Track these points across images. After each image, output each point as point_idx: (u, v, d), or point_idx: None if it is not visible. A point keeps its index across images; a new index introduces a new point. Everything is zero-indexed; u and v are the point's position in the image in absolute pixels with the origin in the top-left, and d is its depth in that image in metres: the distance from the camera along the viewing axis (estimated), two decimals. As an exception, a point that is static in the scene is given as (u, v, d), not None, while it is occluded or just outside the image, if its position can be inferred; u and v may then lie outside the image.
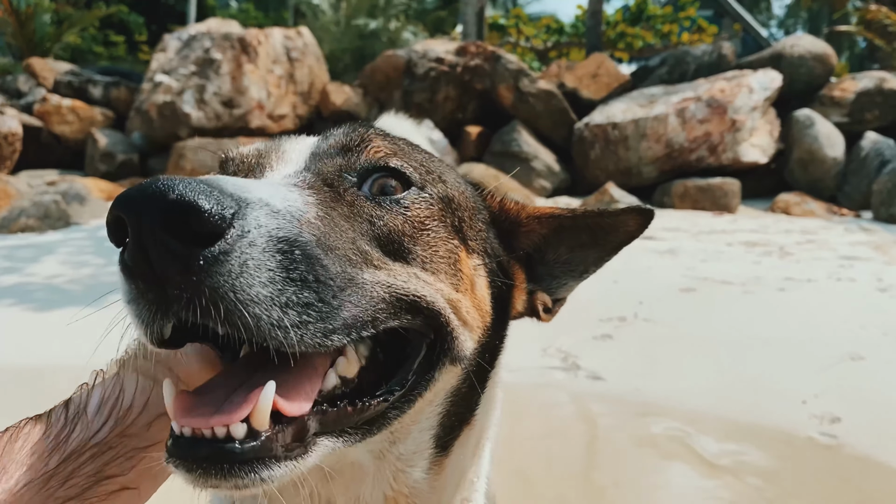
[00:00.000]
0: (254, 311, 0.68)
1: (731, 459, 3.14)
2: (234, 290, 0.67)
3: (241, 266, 0.68)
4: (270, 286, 0.69)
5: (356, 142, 0.95)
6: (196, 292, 0.67)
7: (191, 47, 13.50)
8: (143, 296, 0.71)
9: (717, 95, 12.17)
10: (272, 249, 0.70)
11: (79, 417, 0.82)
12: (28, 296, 5.78)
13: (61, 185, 10.64)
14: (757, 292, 5.95)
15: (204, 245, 0.66)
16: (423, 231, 0.93)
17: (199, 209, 0.65)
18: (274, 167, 0.95)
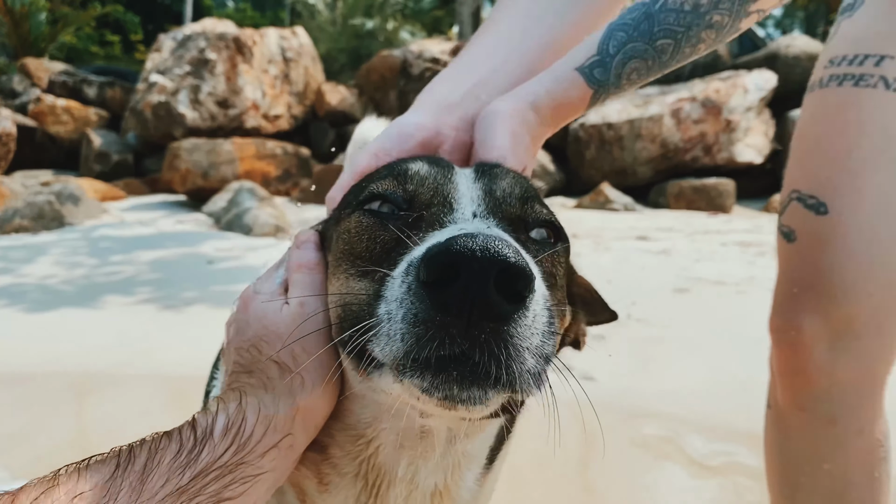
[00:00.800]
0: (526, 359, 0.79)
1: (723, 460, 3.14)
2: (522, 339, 0.78)
3: (532, 319, 0.79)
4: (539, 338, 0.81)
5: (530, 195, 1.06)
6: (496, 338, 0.77)
7: (186, 47, 13.48)
8: (442, 326, 0.77)
9: (713, 95, 12.19)
10: (545, 306, 0.83)
11: (206, 439, 0.87)
12: (21, 297, 5.77)
13: (55, 186, 10.62)
14: (751, 292, 5.96)
15: (518, 302, 0.77)
16: (561, 277, 1.06)
17: (526, 275, 0.76)
18: (458, 202, 1.01)
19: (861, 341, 1.60)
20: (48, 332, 4.94)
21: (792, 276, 1.72)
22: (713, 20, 1.24)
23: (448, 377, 0.79)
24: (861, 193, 1.59)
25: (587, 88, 1.26)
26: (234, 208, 9.53)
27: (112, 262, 7.22)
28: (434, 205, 1.01)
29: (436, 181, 1.05)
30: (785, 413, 1.80)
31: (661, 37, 1.23)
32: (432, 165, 1.08)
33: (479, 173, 1.09)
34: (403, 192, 1.04)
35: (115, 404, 3.73)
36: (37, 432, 3.37)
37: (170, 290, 5.96)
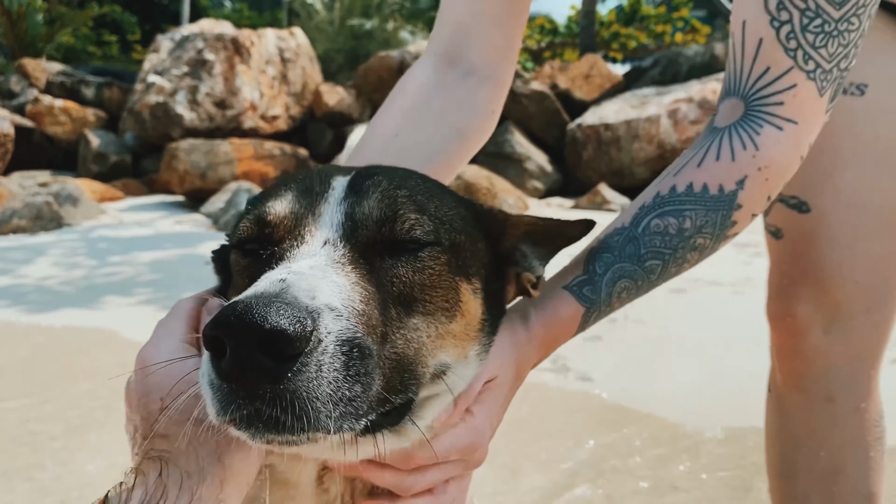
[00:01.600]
0: (316, 406, 0.81)
1: (720, 458, 3.17)
2: (307, 391, 0.81)
3: (316, 371, 0.81)
4: (333, 384, 0.83)
5: (388, 216, 1.06)
6: (279, 395, 0.80)
7: (183, 48, 13.48)
8: (232, 392, 0.82)
9: (710, 96, 12.22)
10: (338, 353, 0.84)
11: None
12: (20, 298, 5.78)
13: (53, 187, 10.62)
14: (747, 293, 5.99)
15: (289, 360, 0.79)
16: (437, 279, 1.07)
17: (289, 337, 0.77)
18: (312, 234, 1.03)
19: (852, 323, 1.75)
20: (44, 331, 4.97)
21: (783, 269, 1.85)
22: (697, 243, 1.29)
23: (258, 428, 0.83)
24: (838, 190, 1.72)
25: (578, 307, 1.27)
26: (232, 209, 9.54)
27: (111, 262, 7.23)
28: (287, 238, 1.04)
29: (295, 216, 1.07)
30: (784, 395, 1.90)
31: (649, 258, 1.27)
32: (297, 195, 1.10)
33: (349, 190, 1.10)
34: (263, 235, 1.07)
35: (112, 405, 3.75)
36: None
37: (169, 291, 5.98)
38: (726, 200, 1.28)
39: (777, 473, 1.96)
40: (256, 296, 0.80)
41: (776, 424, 1.96)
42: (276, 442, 0.85)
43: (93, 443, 3.30)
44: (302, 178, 1.15)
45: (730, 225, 1.30)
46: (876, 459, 1.81)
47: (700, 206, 1.27)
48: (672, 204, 1.28)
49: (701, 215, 1.27)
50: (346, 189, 1.11)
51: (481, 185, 10.19)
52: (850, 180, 1.71)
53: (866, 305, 1.74)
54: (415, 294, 1.03)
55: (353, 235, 1.03)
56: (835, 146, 1.67)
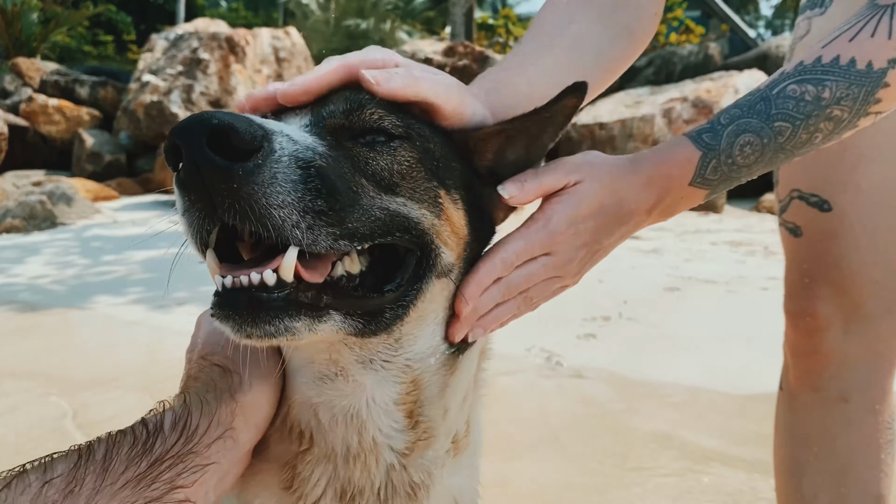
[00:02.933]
0: (280, 214, 0.84)
1: (714, 456, 3.17)
2: (265, 196, 0.83)
3: (271, 177, 0.83)
4: (293, 194, 0.85)
5: (354, 107, 1.08)
6: (236, 198, 0.82)
7: (178, 47, 13.46)
8: (193, 206, 0.85)
9: (704, 96, 12.25)
10: (294, 165, 0.87)
11: (158, 432, 0.93)
12: (12, 296, 5.77)
13: (47, 186, 10.60)
14: (741, 291, 6.00)
15: (242, 160, 0.82)
16: (410, 172, 1.06)
17: (237, 130, 0.81)
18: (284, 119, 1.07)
19: (872, 323, 1.72)
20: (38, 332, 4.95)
21: (802, 268, 1.82)
22: (833, 114, 1.24)
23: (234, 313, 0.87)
24: (858, 188, 1.69)
25: (694, 150, 1.23)
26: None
27: (104, 262, 7.22)
28: None
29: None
30: (797, 393, 1.88)
31: (778, 119, 1.23)
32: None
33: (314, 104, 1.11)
34: None
35: (108, 405, 3.74)
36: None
37: (162, 290, 5.97)
38: (873, 77, 1.22)
39: (785, 472, 1.93)
40: (209, 111, 0.82)
41: (786, 422, 1.94)
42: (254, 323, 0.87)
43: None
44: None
45: (873, 101, 1.24)
46: (886, 462, 1.78)
47: (843, 78, 1.22)
48: (813, 73, 1.24)
49: (843, 87, 1.22)
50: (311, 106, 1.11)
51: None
52: (873, 179, 1.68)
53: (887, 306, 1.72)
54: (394, 180, 1.03)
55: (316, 124, 1.05)
56: (858, 144, 1.65)
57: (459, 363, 1.16)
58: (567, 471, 3.06)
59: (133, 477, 0.87)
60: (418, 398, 1.11)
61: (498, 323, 1.18)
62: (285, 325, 0.88)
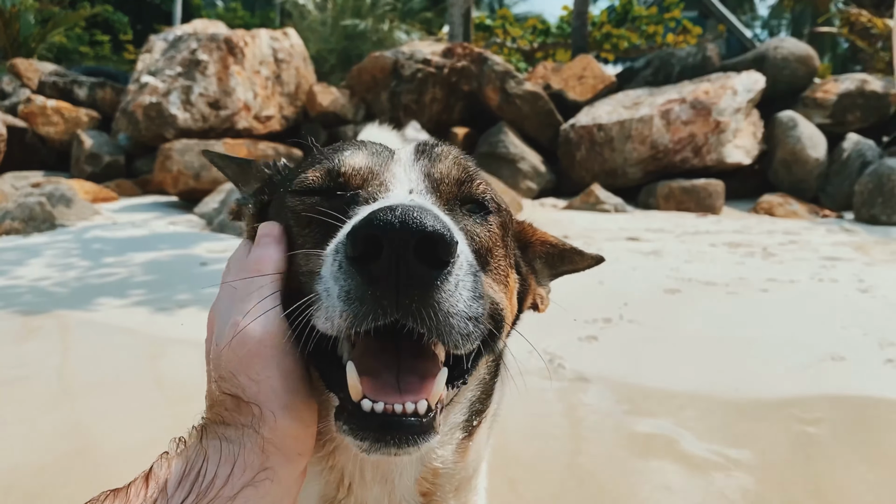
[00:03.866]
0: (453, 323, 0.84)
1: (715, 457, 3.19)
2: (449, 305, 0.83)
3: (455, 286, 0.84)
4: (466, 301, 0.85)
5: (466, 177, 1.11)
6: (424, 303, 0.81)
7: (177, 48, 13.46)
8: (374, 299, 0.82)
9: (702, 97, 12.27)
10: (468, 272, 0.87)
11: (160, 494, 0.80)
12: (15, 299, 5.77)
13: (46, 187, 10.59)
14: (740, 293, 6.02)
15: (439, 268, 0.82)
16: (497, 247, 1.10)
17: (445, 240, 0.80)
18: (394, 184, 1.05)
19: None
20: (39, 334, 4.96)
21: None
22: None
23: (382, 437, 0.84)
24: None
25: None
26: (226, 209, 9.53)
27: (105, 263, 7.21)
28: (368, 186, 1.05)
29: (370, 170, 1.08)
30: None
31: None
32: (368, 155, 1.11)
33: (418, 154, 1.13)
34: (335, 184, 1.07)
35: (111, 409, 3.75)
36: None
37: (163, 293, 5.97)
38: None
39: None
40: (403, 204, 0.80)
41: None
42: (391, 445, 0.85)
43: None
44: (358, 144, 1.16)
45: None
46: None
47: None
48: None
49: None
50: (414, 154, 1.13)
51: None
52: None
53: None
54: (483, 254, 1.05)
55: (435, 189, 1.06)
56: None
57: (469, 448, 1.18)
58: (569, 474, 3.07)
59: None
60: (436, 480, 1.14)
61: None
62: (422, 445, 0.87)
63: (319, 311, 0.86)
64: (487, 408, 1.22)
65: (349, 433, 0.86)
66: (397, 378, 0.89)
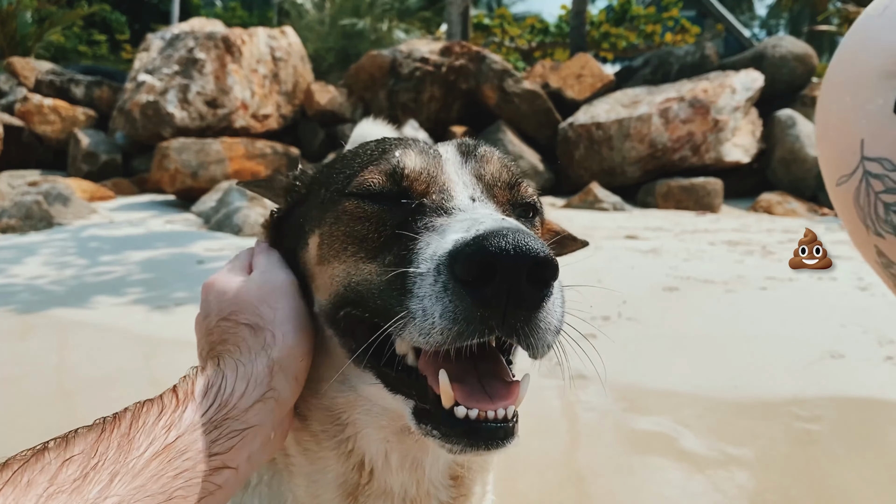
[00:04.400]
0: (548, 337, 0.89)
1: (713, 454, 3.18)
2: (547, 323, 0.88)
3: (553, 303, 0.89)
4: (557, 317, 0.91)
5: (515, 180, 1.16)
6: (528, 322, 0.86)
7: (174, 47, 13.43)
8: (482, 320, 0.85)
9: (700, 96, 12.27)
10: (561, 291, 0.94)
11: (188, 399, 0.91)
12: (11, 297, 5.75)
13: (43, 186, 10.57)
14: (739, 291, 6.01)
15: (545, 289, 0.86)
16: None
17: (552, 265, 0.84)
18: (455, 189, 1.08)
19: None
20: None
21: None
22: None
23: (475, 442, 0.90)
24: None
25: None
26: (223, 208, 9.51)
27: (102, 262, 7.19)
28: (432, 192, 1.06)
29: (428, 173, 1.09)
30: None
31: None
32: (421, 155, 1.12)
33: (463, 155, 1.16)
34: (398, 188, 1.08)
35: (109, 406, 3.73)
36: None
37: (160, 291, 5.96)
38: None
39: None
40: (508, 228, 0.84)
41: None
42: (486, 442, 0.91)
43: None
44: (403, 141, 1.18)
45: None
46: None
47: None
48: None
49: None
50: (460, 155, 1.16)
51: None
52: None
53: None
54: None
55: (491, 195, 1.10)
56: None
57: None
58: (568, 471, 3.06)
59: (160, 449, 0.84)
60: (462, 471, 1.17)
61: None
62: (508, 447, 0.93)
63: (412, 328, 0.88)
64: None
65: (440, 438, 0.91)
66: (481, 384, 0.95)
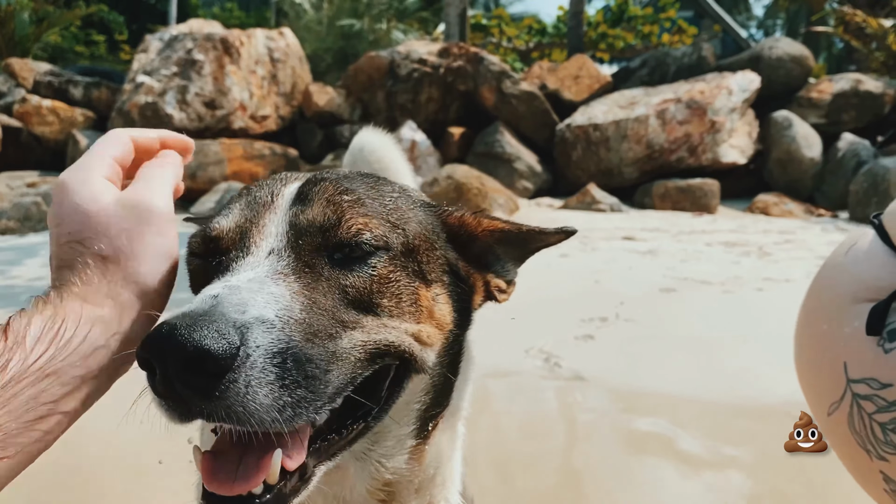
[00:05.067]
0: (259, 416, 0.83)
1: (711, 455, 3.20)
2: (242, 405, 0.82)
3: (246, 386, 0.82)
4: (270, 395, 0.84)
5: (332, 221, 1.04)
6: (214, 408, 0.82)
7: (173, 48, 13.44)
8: (170, 408, 0.85)
9: (697, 97, 12.31)
10: (269, 365, 0.84)
11: (17, 346, 0.83)
12: (12, 299, 5.76)
13: (42, 187, 10.58)
14: (736, 292, 6.04)
15: (218, 376, 0.81)
16: (388, 285, 1.06)
17: (213, 355, 0.79)
18: (257, 244, 1.03)
19: None
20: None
21: None
22: None
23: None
24: None
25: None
26: (222, 209, 9.52)
27: (101, 263, 7.21)
28: (233, 250, 1.04)
29: (240, 229, 1.07)
30: None
31: None
32: (245, 210, 1.10)
33: (296, 199, 1.09)
34: (208, 251, 1.09)
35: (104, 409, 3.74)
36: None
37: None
38: None
39: None
40: (184, 315, 0.82)
41: None
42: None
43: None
44: (256, 188, 1.15)
45: None
46: None
47: None
48: None
49: None
50: (293, 198, 1.10)
51: (472, 185, 10.22)
52: None
53: None
54: (373, 300, 1.02)
55: (297, 244, 1.02)
56: None
57: (426, 451, 1.19)
58: (565, 472, 3.08)
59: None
60: (392, 488, 1.16)
61: None
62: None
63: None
64: (445, 408, 1.22)
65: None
66: (240, 458, 0.91)
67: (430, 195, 7.34)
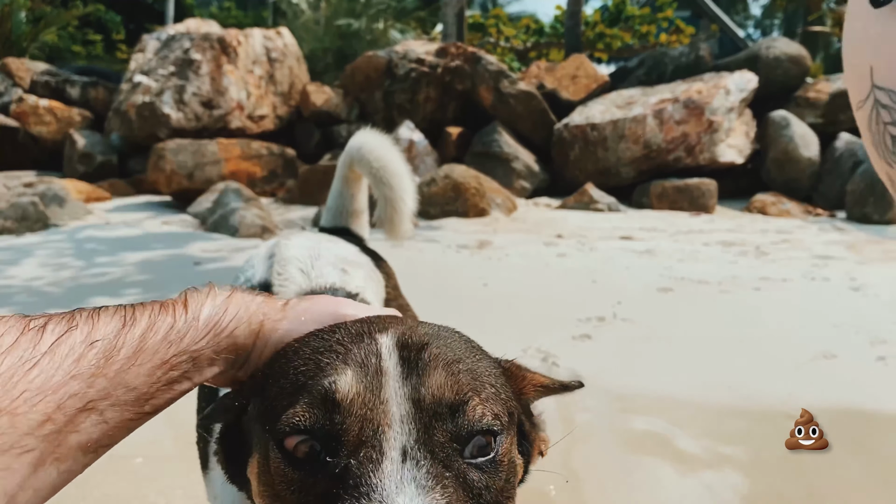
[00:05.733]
0: None
1: (708, 455, 3.21)
2: None
3: None
4: None
5: (459, 402, 0.90)
6: None
7: (170, 47, 13.43)
8: None
9: (695, 96, 12.31)
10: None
11: (192, 324, 0.91)
12: (7, 299, 5.76)
13: (39, 187, 10.56)
14: (733, 292, 6.05)
15: None
16: (513, 478, 0.98)
17: None
18: (387, 437, 0.85)
19: None
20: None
21: None
22: None
23: None
24: None
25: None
26: (220, 209, 9.52)
27: (98, 263, 7.20)
28: (362, 446, 0.84)
29: (364, 405, 0.87)
30: None
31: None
32: (361, 379, 0.89)
33: (405, 366, 0.91)
34: (330, 425, 0.86)
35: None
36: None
37: (158, 292, 5.97)
38: None
39: None
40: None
41: None
42: None
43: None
44: (345, 336, 0.96)
45: None
46: None
47: None
48: None
49: None
50: (400, 362, 0.91)
51: (470, 185, 10.21)
52: None
53: None
54: (492, 497, 0.90)
55: (428, 438, 0.86)
56: None
57: None
58: (563, 472, 3.08)
59: (161, 362, 0.87)
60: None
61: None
62: None
63: None
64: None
65: None
66: None
67: (428, 195, 7.43)
